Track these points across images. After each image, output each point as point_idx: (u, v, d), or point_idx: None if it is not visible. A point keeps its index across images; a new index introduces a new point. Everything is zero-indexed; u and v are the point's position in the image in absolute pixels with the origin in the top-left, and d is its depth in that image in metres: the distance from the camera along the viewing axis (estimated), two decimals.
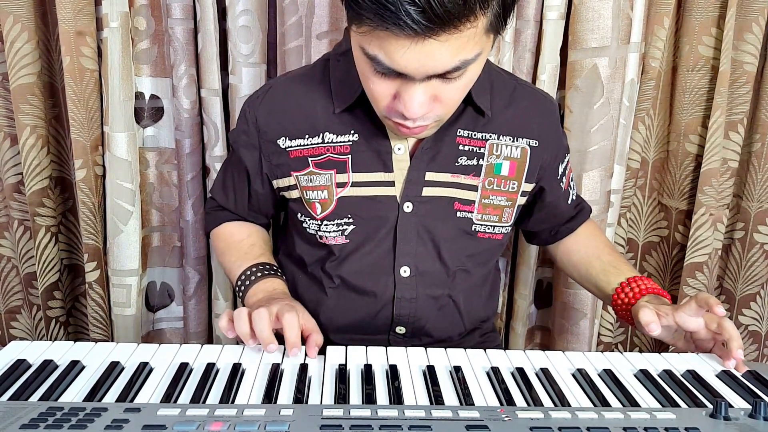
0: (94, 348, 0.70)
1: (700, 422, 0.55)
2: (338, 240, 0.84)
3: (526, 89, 0.87)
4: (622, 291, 0.86)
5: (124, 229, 1.18)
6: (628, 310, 0.85)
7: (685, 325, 0.75)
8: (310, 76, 0.84)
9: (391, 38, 0.60)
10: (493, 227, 0.86)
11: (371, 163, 0.81)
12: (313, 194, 0.83)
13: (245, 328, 0.69)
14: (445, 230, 0.83)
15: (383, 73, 0.65)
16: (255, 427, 0.51)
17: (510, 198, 0.85)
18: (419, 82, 0.65)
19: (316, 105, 0.82)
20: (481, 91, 0.80)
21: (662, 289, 0.85)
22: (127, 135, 1.14)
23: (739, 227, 1.31)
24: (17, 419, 0.51)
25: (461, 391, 0.63)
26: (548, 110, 0.87)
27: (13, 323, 1.34)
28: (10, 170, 1.21)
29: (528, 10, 1.14)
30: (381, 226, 0.83)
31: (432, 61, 0.61)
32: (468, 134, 0.82)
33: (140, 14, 1.12)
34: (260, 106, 0.84)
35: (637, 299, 0.84)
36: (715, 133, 1.18)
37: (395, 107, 0.68)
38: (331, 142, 0.81)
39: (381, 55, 0.62)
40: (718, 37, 1.18)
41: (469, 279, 0.88)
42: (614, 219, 1.26)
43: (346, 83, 0.78)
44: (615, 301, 0.87)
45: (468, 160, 0.82)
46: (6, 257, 1.30)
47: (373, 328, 0.87)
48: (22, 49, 1.10)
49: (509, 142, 0.83)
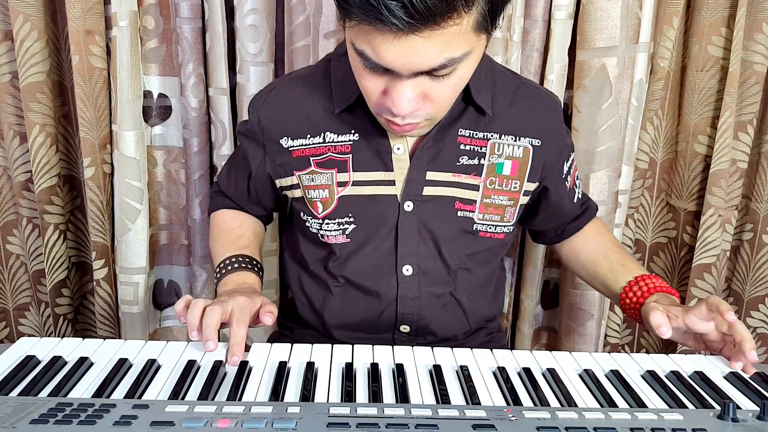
0: (102, 345, 0.71)
1: (707, 424, 0.55)
2: (339, 239, 0.84)
3: (530, 88, 0.87)
4: (630, 290, 0.86)
5: (132, 227, 1.18)
6: (636, 309, 0.84)
7: (694, 327, 0.75)
8: (312, 76, 0.85)
9: (376, 33, 0.60)
10: (495, 227, 0.86)
11: (371, 162, 0.82)
12: (314, 193, 0.84)
13: (195, 320, 0.70)
14: (445, 229, 0.83)
15: (372, 69, 0.66)
16: (262, 424, 0.51)
17: (512, 197, 0.85)
18: (407, 79, 0.65)
19: (317, 105, 0.82)
20: (482, 90, 0.80)
21: (671, 287, 0.85)
22: (136, 133, 1.14)
23: (747, 228, 1.30)
24: (27, 414, 0.52)
25: (468, 391, 0.63)
26: (551, 109, 0.87)
27: (21, 320, 1.35)
28: (19, 168, 1.22)
29: (536, 10, 1.14)
30: (382, 226, 0.83)
31: (416, 57, 0.61)
32: (469, 133, 0.82)
33: (149, 13, 1.13)
34: (263, 107, 0.85)
35: (645, 298, 0.83)
36: (724, 134, 1.18)
37: (385, 104, 0.69)
38: (332, 142, 0.82)
39: (368, 50, 0.63)
40: (727, 37, 1.17)
41: (471, 278, 0.88)
42: (622, 219, 1.25)
43: (346, 83, 0.78)
44: (623, 300, 0.87)
45: (469, 159, 0.82)
46: (15, 254, 1.31)
47: (377, 327, 0.87)
48: (31, 47, 1.11)
49: (511, 141, 0.83)
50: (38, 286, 1.29)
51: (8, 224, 1.28)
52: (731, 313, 0.72)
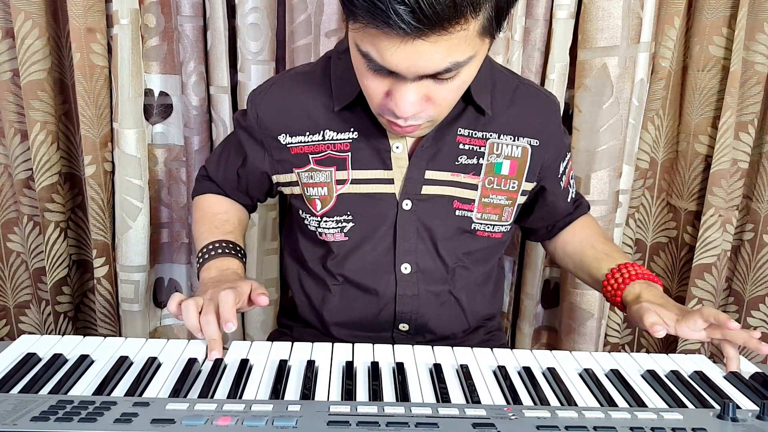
0: (103, 342, 0.71)
1: (707, 423, 0.55)
2: (337, 237, 0.84)
3: (529, 88, 0.87)
4: (612, 276, 0.86)
5: (133, 225, 1.18)
6: (617, 296, 0.85)
7: (687, 337, 0.75)
8: (312, 73, 0.84)
9: (382, 36, 0.60)
10: (493, 226, 0.86)
11: (370, 160, 0.82)
12: (313, 191, 0.84)
13: (194, 322, 0.70)
14: (443, 228, 0.84)
15: (376, 70, 0.65)
16: (263, 422, 0.51)
17: (510, 197, 0.85)
18: (411, 82, 0.65)
19: (317, 102, 0.82)
20: (482, 90, 0.80)
21: (653, 275, 0.86)
22: (137, 132, 1.14)
23: (748, 228, 1.30)
24: (28, 412, 0.52)
25: (468, 390, 0.63)
26: (550, 109, 0.87)
27: (22, 318, 1.35)
28: (20, 166, 1.22)
29: (537, 9, 1.14)
30: (380, 224, 0.83)
31: (422, 61, 0.61)
32: (468, 133, 0.82)
33: (150, 11, 1.13)
34: (262, 102, 0.84)
35: (627, 284, 0.84)
36: (725, 134, 1.18)
37: (387, 105, 0.69)
38: (332, 140, 0.82)
39: (373, 52, 0.63)
40: (729, 37, 1.17)
41: (469, 276, 0.88)
42: (622, 219, 1.25)
43: (346, 81, 0.78)
44: (605, 287, 0.87)
45: (468, 159, 0.82)
46: (15, 252, 1.31)
47: (376, 325, 0.87)
48: (32, 45, 1.11)
49: (510, 141, 0.83)
50: (39, 283, 1.29)
51: (9, 222, 1.28)
52: (732, 322, 0.72)
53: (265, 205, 1.21)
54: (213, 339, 0.69)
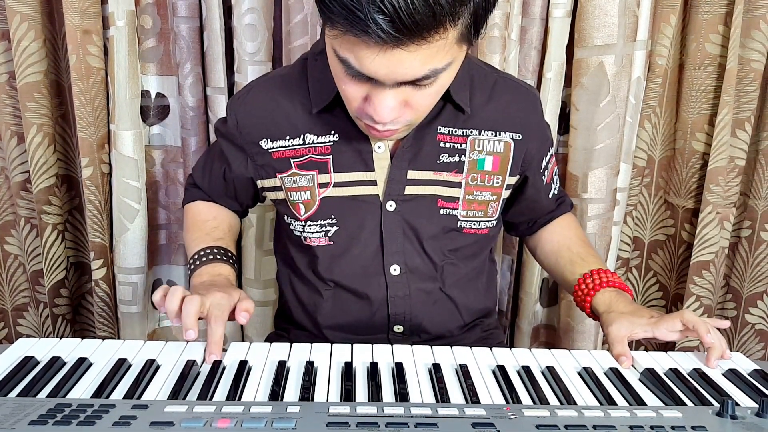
0: (101, 345, 0.71)
1: (706, 421, 0.55)
2: (321, 241, 0.84)
3: (508, 82, 0.86)
4: (583, 282, 0.86)
5: (131, 226, 1.18)
6: (586, 301, 0.85)
7: (662, 338, 0.76)
8: (289, 76, 0.84)
9: (361, 44, 0.60)
10: (479, 222, 0.86)
11: (352, 162, 0.81)
12: (296, 195, 0.83)
13: (174, 306, 0.70)
14: (429, 228, 0.83)
15: (354, 76, 0.65)
16: (262, 424, 0.51)
17: (495, 193, 0.85)
18: (389, 88, 0.65)
19: (296, 106, 0.81)
20: (460, 87, 0.79)
21: (623, 284, 0.85)
22: (134, 133, 1.14)
23: (746, 225, 1.30)
24: (26, 415, 0.52)
25: (467, 389, 0.63)
26: (530, 102, 0.87)
27: (19, 320, 1.35)
28: (17, 168, 1.22)
29: (534, 8, 1.14)
30: (364, 226, 0.83)
31: (401, 68, 0.61)
32: (448, 131, 0.82)
33: (146, 13, 1.13)
34: (241, 108, 0.84)
35: (596, 291, 0.84)
36: (722, 131, 1.18)
37: (366, 110, 0.69)
38: (312, 143, 0.81)
39: (351, 59, 0.63)
40: (725, 35, 1.17)
41: (459, 272, 0.88)
42: (620, 217, 1.25)
43: (323, 83, 0.77)
44: (575, 292, 0.87)
45: (450, 157, 0.82)
46: (13, 255, 1.30)
47: (370, 328, 0.87)
48: (29, 47, 1.11)
49: (491, 136, 0.83)
50: (36, 286, 1.29)
51: (6, 224, 1.28)
52: (708, 335, 0.73)
53: (263, 206, 1.21)
54: (189, 321, 0.68)
